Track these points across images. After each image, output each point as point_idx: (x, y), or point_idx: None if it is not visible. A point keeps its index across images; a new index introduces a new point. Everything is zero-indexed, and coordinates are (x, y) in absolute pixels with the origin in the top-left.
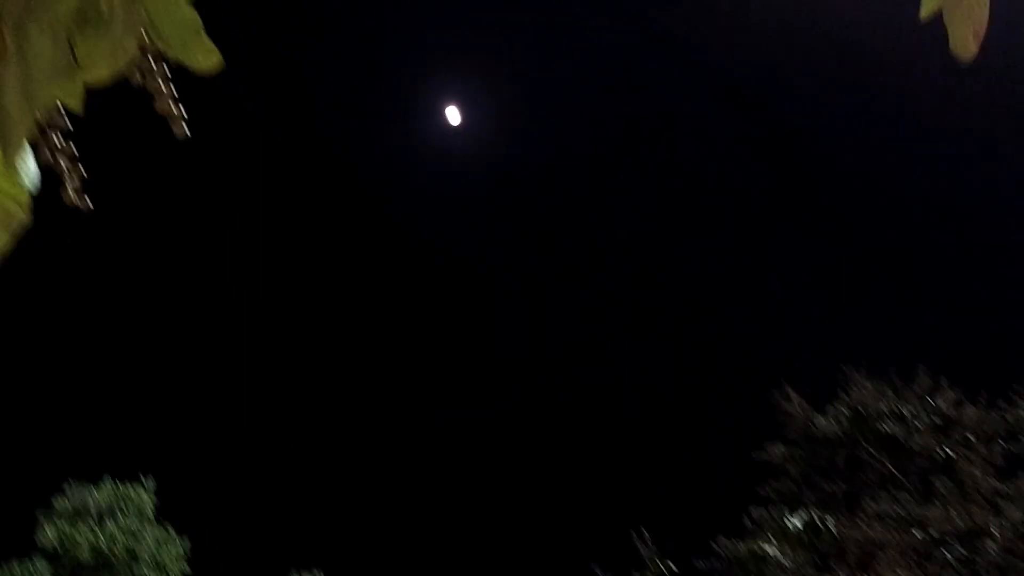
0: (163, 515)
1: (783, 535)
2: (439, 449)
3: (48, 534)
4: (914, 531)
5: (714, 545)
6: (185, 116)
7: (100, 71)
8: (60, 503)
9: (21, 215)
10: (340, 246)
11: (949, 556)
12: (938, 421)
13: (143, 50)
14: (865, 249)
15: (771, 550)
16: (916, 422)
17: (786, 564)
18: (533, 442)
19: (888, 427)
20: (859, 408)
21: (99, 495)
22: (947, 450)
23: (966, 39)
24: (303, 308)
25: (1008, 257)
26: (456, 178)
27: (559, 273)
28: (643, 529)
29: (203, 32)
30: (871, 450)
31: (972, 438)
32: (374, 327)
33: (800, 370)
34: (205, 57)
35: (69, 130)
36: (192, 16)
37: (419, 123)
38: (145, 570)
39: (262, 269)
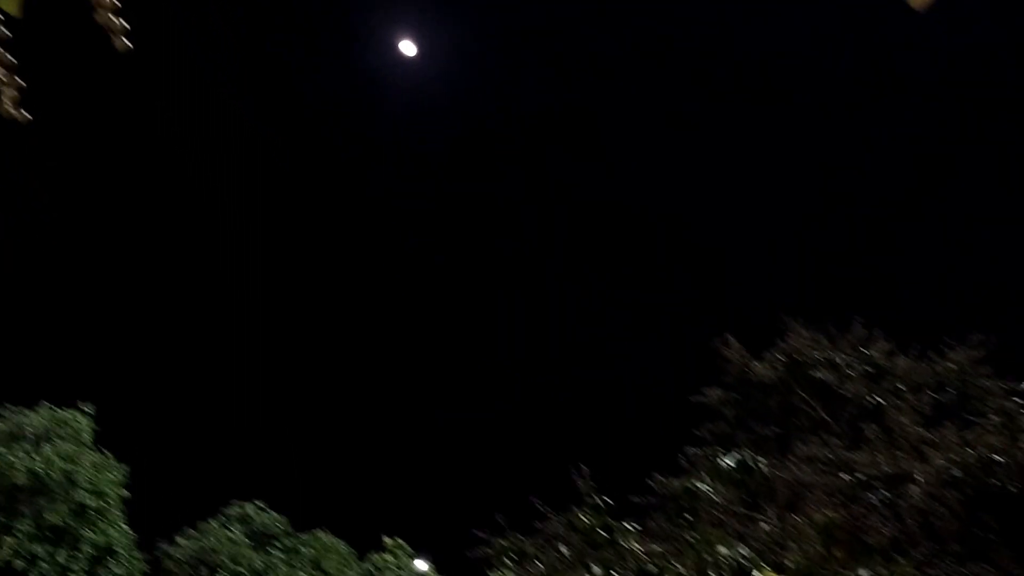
0: (102, 441)
1: (716, 473)
2: (380, 383)
3: None
4: (841, 474)
5: (650, 482)
6: (127, 28)
7: None
8: None
9: None
10: (286, 172)
11: (874, 499)
12: (870, 370)
13: None
14: (809, 202)
15: (704, 487)
16: (849, 370)
17: (717, 500)
18: (477, 382)
19: (821, 374)
20: (794, 356)
21: (35, 419)
22: (877, 398)
23: None
24: (243, 233)
25: (948, 220)
26: (411, 109)
27: (507, 209)
28: (582, 465)
29: None
30: (804, 396)
31: (902, 387)
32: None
33: (744, 319)
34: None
35: (7, 37)
36: None
37: (374, 55)
38: (82, 494)
39: (204, 196)
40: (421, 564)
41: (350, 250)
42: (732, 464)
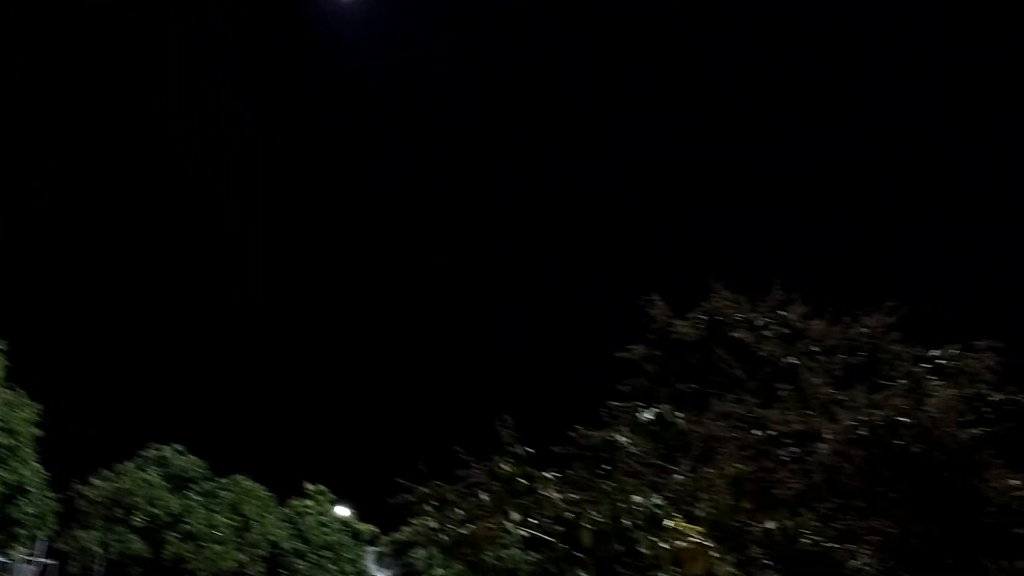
0: (14, 378)
1: (635, 427)
2: (303, 331)
3: None
4: (754, 430)
5: (571, 434)
6: None
7: None
8: None
9: None
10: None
11: (784, 454)
12: (786, 331)
13: None
14: (741, 172)
15: (623, 439)
16: (766, 331)
17: (635, 452)
18: (402, 334)
19: (740, 334)
20: (716, 316)
21: None
22: (792, 359)
23: None
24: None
25: (870, 195)
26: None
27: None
28: (505, 416)
29: None
30: (723, 354)
31: (816, 349)
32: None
33: (671, 279)
34: None
35: None
36: None
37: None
38: None
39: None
40: (342, 510)
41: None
42: (651, 418)
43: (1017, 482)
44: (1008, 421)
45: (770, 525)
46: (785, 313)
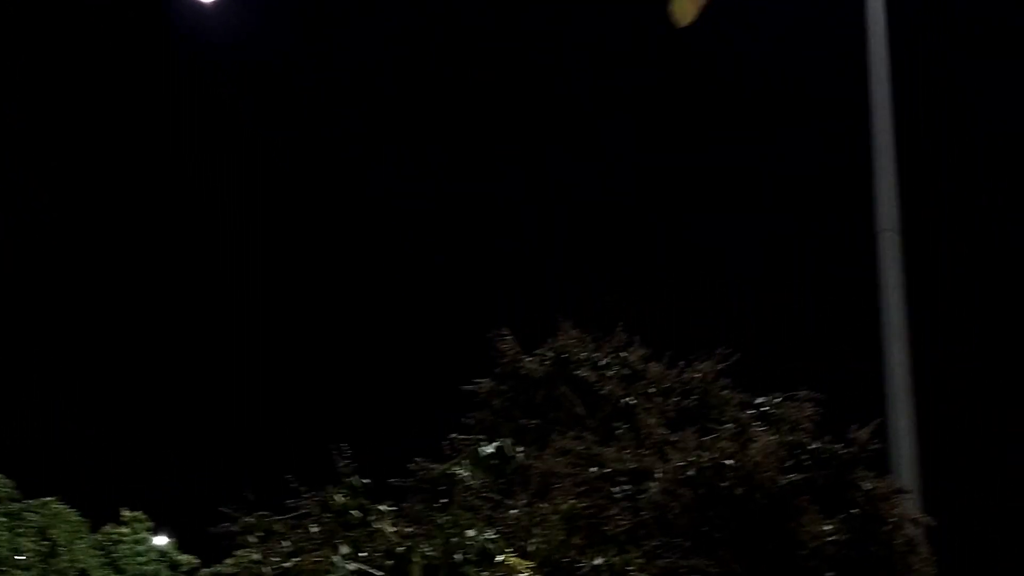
0: None
1: (476, 460)
2: (126, 348)
3: None
4: (592, 468)
5: (411, 466)
6: None
7: None
8: None
9: None
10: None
11: (617, 491)
12: (627, 372)
13: None
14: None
15: (462, 472)
16: (608, 371)
17: (474, 485)
18: (232, 357)
19: (584, 372)
20: (562, 353)
21: None
22: (630, 399)
23: (686, 5)
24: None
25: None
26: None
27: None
28: (342, 445)
29: None
30: (567, 392)
31: (652, 390)
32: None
33: (522, 316)
34: None
35: None
36: None
37: None
38: None
39: None
40: (161, 539)
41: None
42: (491, 451)
43: (829, 527)
44: (823, 468)
45: (598, 561)
46: (626, 354)
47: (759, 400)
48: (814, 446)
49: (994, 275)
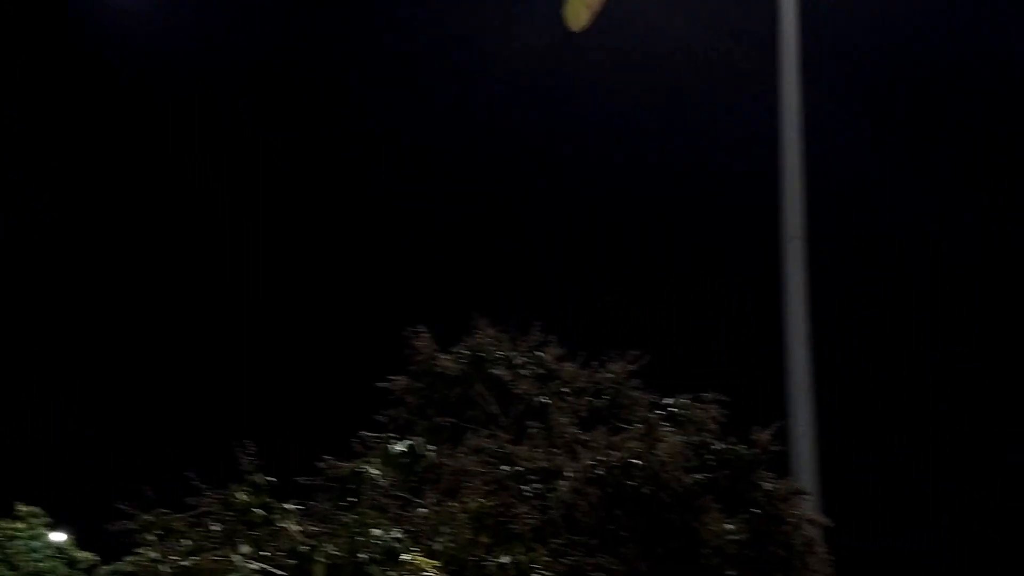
0: None
1: (387, 458)
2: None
3: None
4: (503, 466)
5: (320, 464)
6: None
7: None
8: None
9: None
10: None
11: (527, 490)
12: (541, 371)
13: None
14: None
15: (372, 471)
16: (523, 370)
17: (383, 484)
18: (150, 351)
19: (499, 371)
20: (478, 352)
21: None
22: (543, 398)
23: (580, 10)
24: None
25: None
26: None
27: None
28: (246, 442)
29: None
30: (481, 390)
31: (566, 390)
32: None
33: (440, 313)
34: None
35: None
36: None
37: None
38: None
39: None
40: (58, 535)
41: None
42: (403, 450)
43: (731, 527)
44: (726, 469)
45: (505, 560)
46: (541, 354)
47: (667, 401)
48: (718, 447)
49: (897, 280)
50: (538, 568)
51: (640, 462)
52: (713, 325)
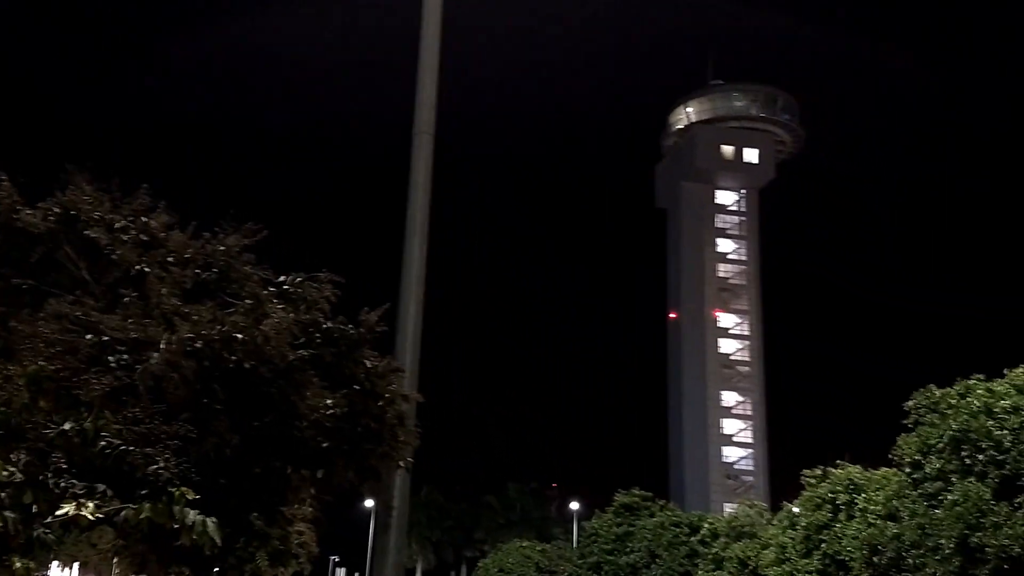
0: None
1: None
2: None
3: None
4: (88, 335)
5: None
6: None
7: None
8: None
9: None
10: None
11: (112, 360)
12: (145, 238)
13: None
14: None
15: None
16: (124, 235)
17: None
18: None
19: (95, 233)
20: (71, 210)
21: None
22: (144, 266)
23: None
24: None
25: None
26: None
27: None
28: None
29: None
30: (69, 252)
31: (171, 260)
32: None
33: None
34: None
35: None
36: None
37: None
38: None
39: None
40: None
41: None
42: None
43: (331, 401)
44: (333, 346)
45: (68, 426)
46: (147, 220)
47: (281, 278)
48: (327, 325)
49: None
50: (107, 436)
51: (242, 336)
52: (335, 208)
